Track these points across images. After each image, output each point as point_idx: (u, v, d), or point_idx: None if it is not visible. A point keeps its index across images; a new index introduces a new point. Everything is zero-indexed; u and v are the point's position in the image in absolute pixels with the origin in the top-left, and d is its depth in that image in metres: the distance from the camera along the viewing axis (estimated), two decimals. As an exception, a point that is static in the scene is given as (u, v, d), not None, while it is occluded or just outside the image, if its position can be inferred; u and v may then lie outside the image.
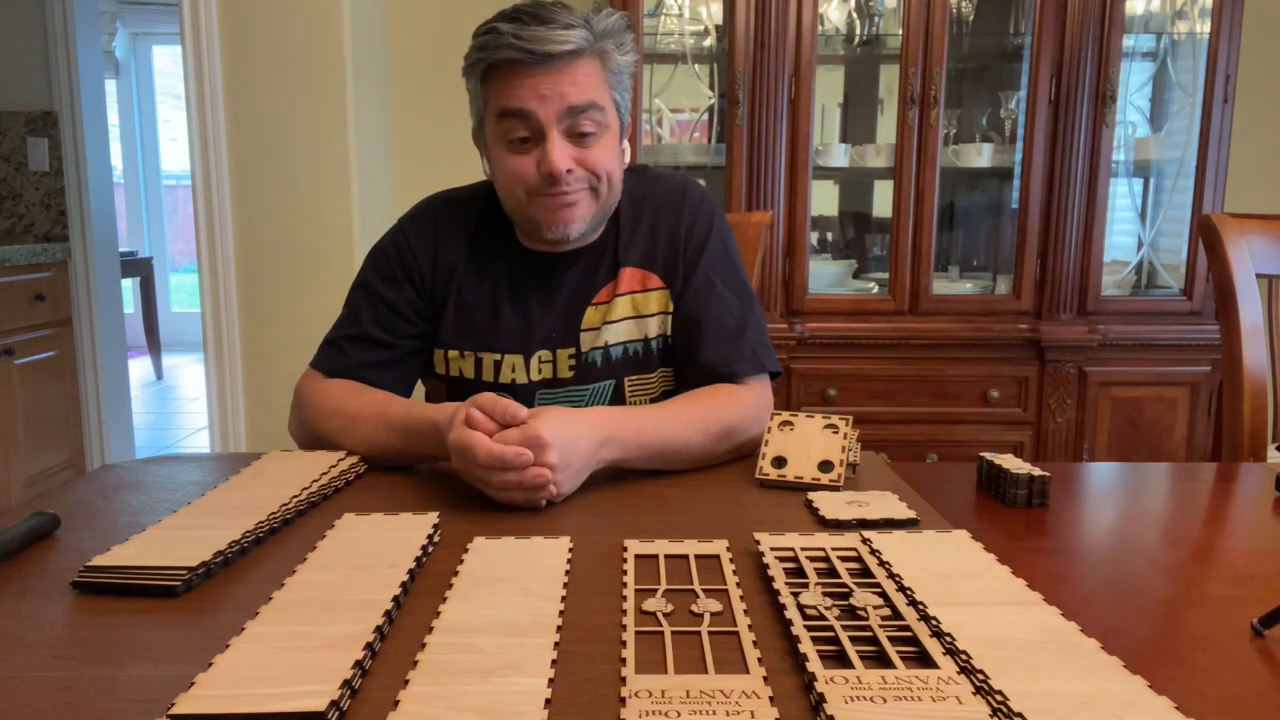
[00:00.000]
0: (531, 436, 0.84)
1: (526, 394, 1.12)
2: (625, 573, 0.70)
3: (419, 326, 1.15)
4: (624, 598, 0.65)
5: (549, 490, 0.86)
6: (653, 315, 1.14)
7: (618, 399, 1.14)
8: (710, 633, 0.60)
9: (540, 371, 1.13)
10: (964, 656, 0.54)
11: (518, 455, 0.83)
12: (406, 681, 0.52)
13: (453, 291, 1.14)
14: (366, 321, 1.13)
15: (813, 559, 0.71)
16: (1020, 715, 0.47)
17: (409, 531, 0.77)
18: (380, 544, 0.74)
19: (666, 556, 0.73)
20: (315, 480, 0.92)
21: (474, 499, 0.88)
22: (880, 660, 0.55)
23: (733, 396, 1.06)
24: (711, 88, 2.57)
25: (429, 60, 2.78)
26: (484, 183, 1.18)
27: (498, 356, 1.13)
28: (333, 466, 0.97)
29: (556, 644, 0.57)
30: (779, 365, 1.15)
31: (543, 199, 1.05)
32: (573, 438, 0.87)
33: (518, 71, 1.01)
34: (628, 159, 1.15)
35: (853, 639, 0.57)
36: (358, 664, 0.53)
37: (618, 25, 1.06)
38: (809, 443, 0.96)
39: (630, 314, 1.14)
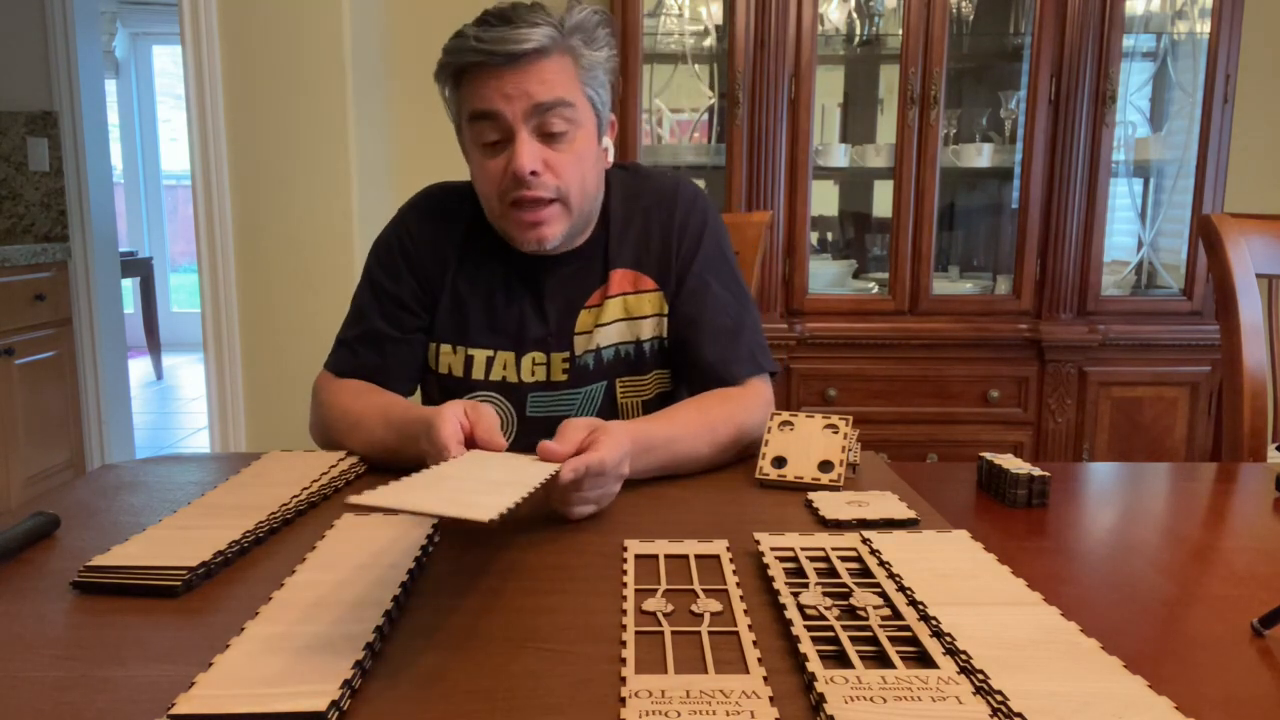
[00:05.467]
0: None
1: (519, 395, 1.12)
2: (625, 573, 0.70)
3: (424, 319, 1.15)
4: (624, 598, 0.65)
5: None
6: (647, 318, 1.14)
7: (609, 401, 1.14)
8: (710, 633, 0.60)
9: (534, 374, 1.13)
10: (964, 656, 0.54)
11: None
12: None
13: (448, 282, 1.14)
14: (375, 318, 1.13)
15: (813, 559, 0.71)
16: (1020, 715, 0.47)
17: (409, 531, 0.77)
18: (380, 544, 0.74)
19: (666, 556, 0.73)
20: (315, 480, 0.92)
21: (474, 499, 0.88)
22: (880, 660, 0.55)
23: (739, 402, 1.06)
24: (711, 88, 2.57)
25: (429, 60, 2.75)
26: None
27: (490, 353, 1.13)
28: (333, 466, 0.97)
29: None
30: (776, 365, 1.15)
31: (514, 212, 1.05)
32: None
33: (484, 73, 1.02)
34: (610, 157, 1.14)
35: (853, 639, 0.57)
36: (358, 664, 0.53)
37: (589, 21, 1.06)
38: (809, 443, 0.96)
39: (622, 316, 1.13)
